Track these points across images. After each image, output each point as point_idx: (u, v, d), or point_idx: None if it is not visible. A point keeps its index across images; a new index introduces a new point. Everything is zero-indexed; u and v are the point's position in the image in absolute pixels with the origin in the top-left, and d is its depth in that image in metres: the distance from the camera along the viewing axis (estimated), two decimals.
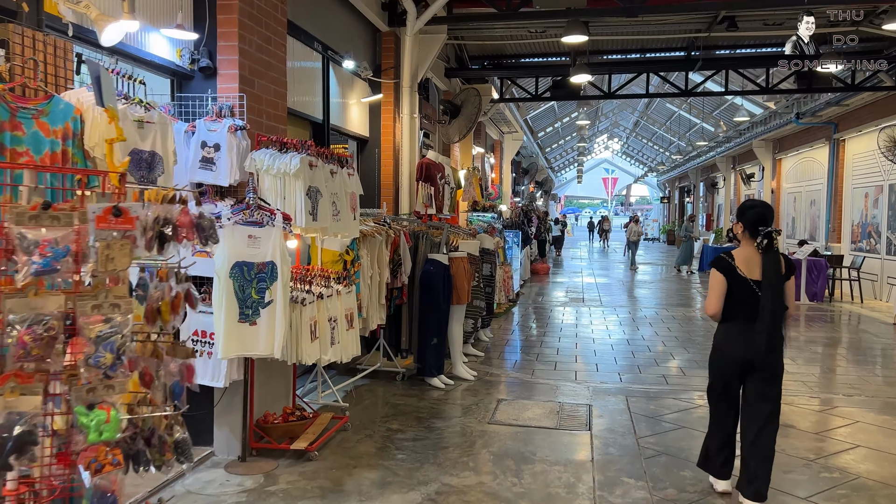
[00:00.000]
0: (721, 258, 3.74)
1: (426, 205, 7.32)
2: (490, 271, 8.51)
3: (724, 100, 20.35)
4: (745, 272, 3.63)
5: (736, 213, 3.82)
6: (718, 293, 3.67)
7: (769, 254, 3.59)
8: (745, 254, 3.69)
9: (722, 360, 3.77)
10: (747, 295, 3.61)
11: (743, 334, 3.63)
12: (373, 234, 5.65)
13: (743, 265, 3.65)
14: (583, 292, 14.48)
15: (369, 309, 5.74)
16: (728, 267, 3.68)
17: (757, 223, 3.66)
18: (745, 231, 3.71)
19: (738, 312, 3.65)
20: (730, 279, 3.65)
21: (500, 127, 17.72)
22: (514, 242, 13.57)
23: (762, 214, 3.69)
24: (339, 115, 7.27)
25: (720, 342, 3.79)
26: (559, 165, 40.58)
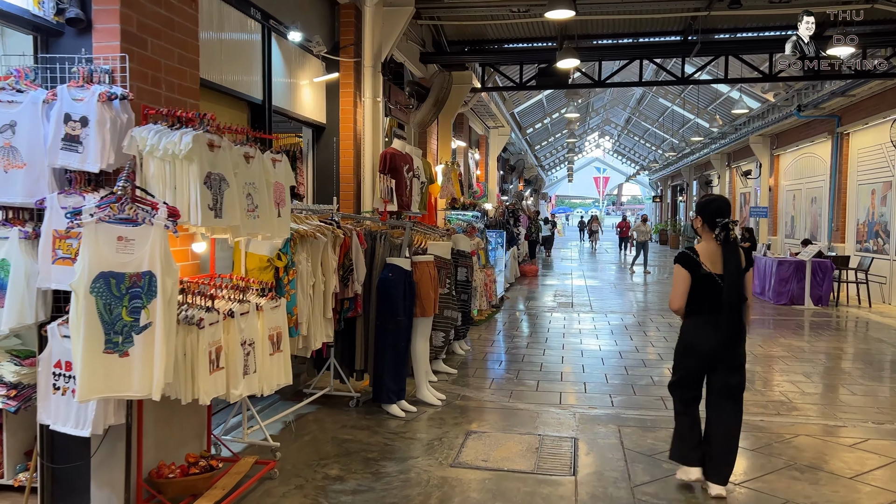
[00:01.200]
0: (685, 254, 3.82)
1: (385, 200, 6.34)
2: (466, 276, 7.55)
3: (720, 93, 19.49)
4: (709, 267, 3.74)
5: (695, 209, 3.95)
6: (683, 289, 3.78)
7: (728, 245, 3.74)
8: (708, 248, 3.80)
9: (690, 353, 3.88)
10: (712, 289, 3.72)
11: (710, 327, 3.75)
12: (313, 234, 4.68)
13: (706, 260, 3.76)
14: (572, 296, 13.54)
15: (311, 325, 4.77)
16: (692, 262, 3.77)
17: (715, 216, 3.79)
18: (705, 225, 3.84)
19: (704, 306, 3.76)
20: (694, 274, 3.76)
21: (486, 121, 16.78)
22: (499, 243, 12.62)
23: (720, 207, 3.85)
24: (286, 96, 6.28)
25: (688, 335, 3.88)
26: (549, 164, 39.69)
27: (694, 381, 3.93)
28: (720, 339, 3.73)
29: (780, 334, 9.36)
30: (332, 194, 6.88)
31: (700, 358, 3.83)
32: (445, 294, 6.47)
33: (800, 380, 6.74)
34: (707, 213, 3.85)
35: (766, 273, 13.27)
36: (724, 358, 3.78)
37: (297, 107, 6.52)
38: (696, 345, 3.82)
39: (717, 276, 3.72)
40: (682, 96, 21.37)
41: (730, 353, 3.78)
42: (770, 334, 9.37)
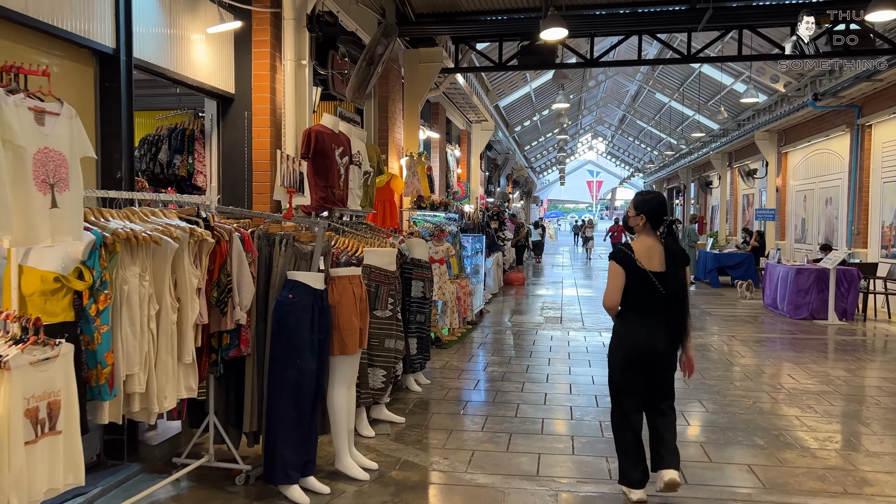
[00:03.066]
0: (620, 251, 3.70)
1: (290, 191, 4.67)
2: (423, 291, 5.91)
3: (723, 85, 17.94)
4: (645, 264, 3.62)
5: (634, 206, 3.79)
6: (618, 285, 3.65)
7: (671, 241, 3.67)
8: (645, 244, 3.68)
9: (625, 354, 3.72)
10: (647, 286, 3.61)
11: (644, 326, 3.65)
12: (150, 238, 3.02)
13: (642, 257, 3.64)
14: (562, 309, 11.90)
15: (153, 376, 3.12)
16: (627, 259, 3.65)
17: (660, 213, 3.70)
18: (647, 223, 3.71)
19: (638, 304, 3.66)
20: (629, 272, 3.63)
21: (467, 114, 15.17)
22: (477, 249, 10.98)
23: (663, 204, 3.78)
24: (164, 50, 4.63)
25: (622, 335, 3.75)
26: (540, 166, 38.13)
27: (631, 386, 3.72)
28: (656, 338, 3.64)
29: (809, 358, 7.75)
30: (243, 185, 5.23)
31: (634, 358, 3.68)
32: (387, 318, 4.83)
33: (859, 430, 5.12)
34: (649, 210, 3.72)
35: (780, 282, 11.69)
36: (659, 358, 3.66)
37: (188, 68, 4.86)
38: (630, 344, 3.69)
39: (652, 273, 3.60)
40: (682, 90, 19.82)
41: (666, 354, 3.68)
42: (797, 358, 7.75)
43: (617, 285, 3.63)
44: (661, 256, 3.62)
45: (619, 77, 24.23)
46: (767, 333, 9.70)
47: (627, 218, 3.86)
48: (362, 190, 5.83)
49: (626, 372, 3.69)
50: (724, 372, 7.03)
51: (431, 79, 9.26)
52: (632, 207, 3.81)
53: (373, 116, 8.91)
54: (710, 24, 8.69)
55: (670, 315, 3.62)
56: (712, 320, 10.81)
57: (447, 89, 12.72)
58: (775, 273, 11.98)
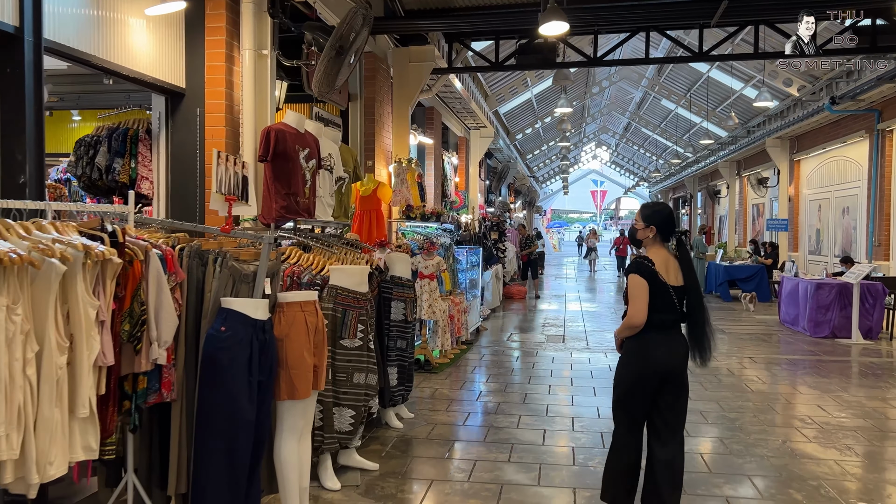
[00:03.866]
0: (641, 263, 3.43)
1: (230, 198, 3.93)
2: (404, 314, 5.19)
3: (731, 91, 17.25)
4: (664, 277, 3.41)
5: (643, 217, 3.54)
6: (645, 301, 3.36)
7: (685, 254, 3.54)
8: (660, 257, 3.47)
9: (641, 372, 3.42)
10: (665, 301, 3.41)
11: (662, 343, 3.43)
12: (22, 260, 2.31)
13: (661, 270, 3.42)
14: (564, 326, 11.16)
15: (35, 437, 2.41)
16: (650, 272, 3.40)
17: (670, 225, 3.53)
18: (658, 235, 3.52)
19: (659, 320, 3.40)
20: (651, 285, 3.38)
21: (465, 120, 14.49)
22: (472, 262, 10.26)
23: (672, 215, 3.59)
24: (90, 34, 3.94)
25: (637, 351, 3.45)
26: (543, 175, 37.45)
27: (640, 406, 3.48)
28: (673, 356, 3.44)
29: (837, 384, 6.99)
30: (194, 192, 4.53)
31: (650, 376, 3.42)
32: (356, 349, 4.11)
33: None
34: (659, 222, 3.53)
35: (798, 298, 10.93)
36: (673, 378, 3.45)
37: (124, 56, 4.17)
38: (647, 362, 3.41)
39: (671, 287, 3.42)
40: (689, 96, 19.14)
41: (681, 372, 3.48)
42: (823, 384, 6.99)
43: (644, 300, 3.37)
44: (677, 270, 3.47)
45: (624, 83, 23.57)
46: (787, 354, 8.93)
47: (635, 231, 3.62)
48: (335, 198, 5.12)
49: (638, 390, 3.46)
50: (743, 401, 6.27)
51: (422, 79, 8.57)
52: (639, 219, 3.58)
53: (358, 120, 8.23)
54: (724, 20, 7.99)
55: (690, 331, 3.49)
56: (725, 339, 10.04)
57: (443, 93, 12.06)
58: (792, 287, 11.22)
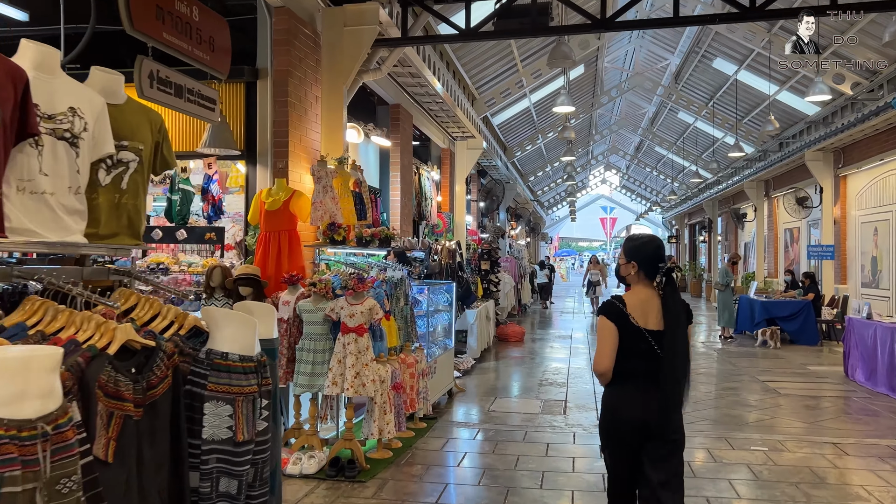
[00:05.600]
0: (612, 304, 3.08)
1: None
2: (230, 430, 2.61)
3: (762, 97, 14.78)
4: (639, 320, 3.03)
5: (625, 252, 3.21)
6: (611, 346, 3.02)
7: (671, 294, 3.09)
8: (639, 297, 3.10)
9: (613, 427, 3.09)
10: (642, 348, 3.01)
11: (638, 394, 3.02)
12: None
13: (636, 312, 3.05)
14: (567, 387, 8.52)
15: None
16: (619, 314, 3.04)
17: (656, 260, 3.13)
18: (641, 271, 3.13)
19: (632, 369, 3.03)
20: (622, 329, 3.03)
21: (448, 129, 12.08)
22: (444, 302, 7.71)
23: (659, 249, 3.20)
24: None
25: (612, 405, 3.11)
26: (549, 200, 34.99)
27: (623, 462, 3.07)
28: (653, 409, 2.96)
29: None
30: None
31: (627, 431, 3.02)
32: None
33: None
34: (643, 257, 3.13)
35: (871, 347, 8.31)
36: (659, 433, 2.98)
37: None
38: (622, 415, 3.03)
39: (647, 331, 3.01)
40: (711, 105, 16.69)
41: (665, 427, 2.99)
42: None
43: (610, 346, 3.01)
44: (658, 311, 3.04)
45: (635, 96, 21.20)
46: (887, 437, 6.25)
47: (618, 267, 3.24)
48: (101, 197, 2.61)
49: (615, 449, 3.09)
50: None
51: (362, 50, 6.14)
52: (622, 254, 3.21)
53: (267, 101, 5.79)
54: None
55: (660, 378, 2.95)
56: (788, 406, 7.40)
57: (417, 93, 9.66)
58: (867, 334, 8.58)
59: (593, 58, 15.31)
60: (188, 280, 5.82)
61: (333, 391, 4.95)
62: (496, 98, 12.45)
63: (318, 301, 5.15)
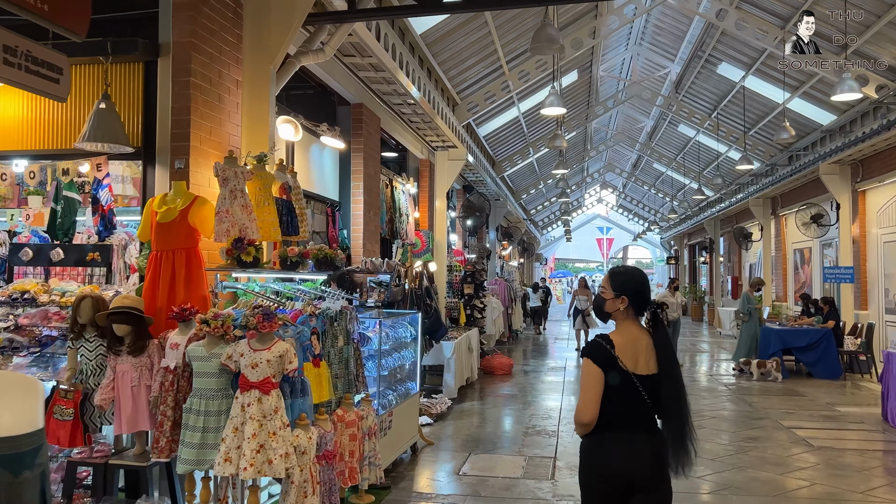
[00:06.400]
0: (598, 345, 2.78)
1: None
2: None
3: (772, 104, 13.59)
4: (628, 363, 2.74)
5: (612, 285, 2.87)
6: (596, 394, 2.72)
7: (660, 334, 2.80)
8: (627, 338, 2.80)
9: (594, 481, 2.80)
10: (629, 394, 2.73)
11: (621, 447, 2.74)
12: None
13: (625, 354, 2.75)
14: (557, 437, 7.14)
15: None
16: (606, 357, 2.74)
17: (645, 294, 2.86)
18: (630, 307, 2.83)
19: (616, 415, 2.73)
20: (608, 374, 2.73)
21: (426, 137, 10.82)
22: (406, 337, 6.35)
23: (646, 283, 2.93)
24: None
25: (591, 456, 2.81)
26: (543, 220, 33.75)
27: None
28: (639, 461, 2.70)
29: None
30: None
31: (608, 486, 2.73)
32: None
33: None
34: (633, 291, 2.83)
35: None
36: (642, 486, 2.71)
37: None
38: (604, 472, 2.75)
39: (637, 376, 2.72)
40: (715, 117, 15.48)
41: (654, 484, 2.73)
42: None
43: (595, 394, 2.71)
44: (647, 353, 2.75)
45: (632, 110, 20.06)
46: None
47: (602, 300, 2.90)
48: None
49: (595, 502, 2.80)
50: None
51: (294, 22, 4.85)
52: (608, 287, 2.88)
53: (167, 83, 4.49)
54: None
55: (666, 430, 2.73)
56: (825, 464, 6.02)
57: (388, 95, 8.41)
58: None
59: (587, 63, 14.11)
60: (62, 315, 4.47)
61: (226, 470, 3.58)
62: (480, 103, 11.21)
63: (213, 344, 3.80)
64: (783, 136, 10.44)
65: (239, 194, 4.27)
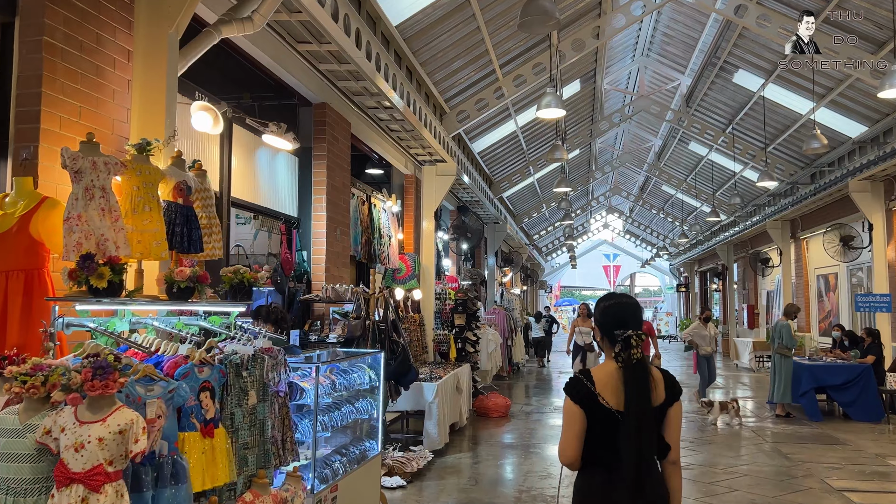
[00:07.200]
0: (577, 381, 2.61)
1: None
2: None
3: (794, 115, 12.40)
4: (610, 400, 2.55)
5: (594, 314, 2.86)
6: (575, 432, 2.56)
7: (630, 368, 2.55)
8: (609, 371, 2.60)
9: None
10: (613, 432, 2.55)
11: (607, 489, 2.57)
12: None
13: (605, 389, 2.57)
14: (558, 501, 5.80)
15: None
16: (585, 393, 2.57)
17: (613, 325, 2.64)
18: (605, 338, 2.70)
19: (602, 456, 2.59)
20: (588, 411, 2.56)
21: (411, 150, 9.64)
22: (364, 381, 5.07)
23: (621, 311, 2.68)
24: None
25: (581, 497, 2.67)
26: (547, 246, 32.48)
27: None
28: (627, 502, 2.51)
29: None
30: None
31: None
32: None
33: None
34: (603, 319, 2.70)
35: None
36: None
37: None
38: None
39: (618, 412, 2.55)
40: (731, 130, 14.28)
41: None
42: None
43: (574, 433, 2.57)
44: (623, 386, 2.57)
45: (639, 128, 18.92)
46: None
47: None
48: None
49: None
50: None
51: None
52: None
53: (15, 48, 3.30)
54: None
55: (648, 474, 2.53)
56: None
57: (359, 94, 7.27)
58: None
59: (590, 72, 12.98)
60: None
61: None
62: (471, 112, 10.04)
63: (33, 411, 2.53)
64: (813, 146, 9.20)
65: (98, 193, 3.04)
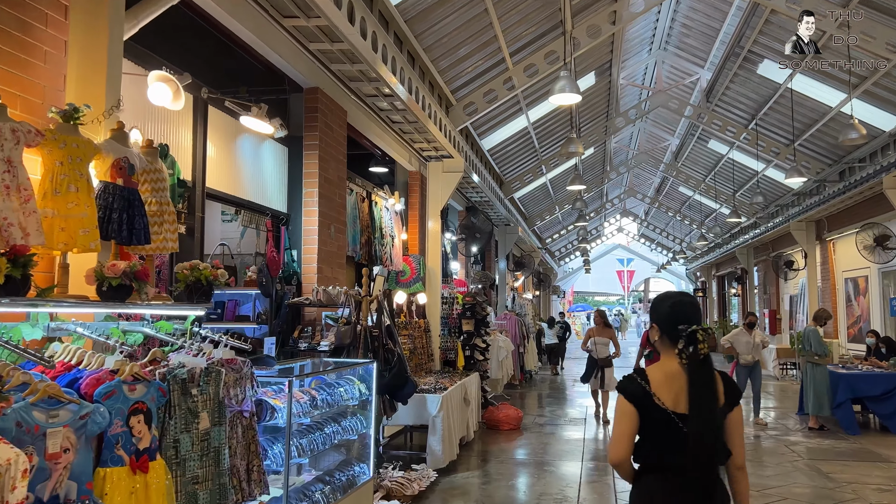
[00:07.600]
0: (631, 380, 2.47)
1: None
2: None
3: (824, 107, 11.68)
4: (666, 401, 2.39)
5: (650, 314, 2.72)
6: (626, 432, 2.41)
7: (697, 367, 2.38)
8: (665, 371, 2.46)
9: None
10: (670, 434, 2.38)
11: (665, 495, 2.41)
12: None
13: (662, 390, 2.41)
14: None
15: None
16: (639, 392, 2.42)
17: (676, 320, 2.46)
18: (664, 336, 2.52)
19: (663, 463, 2.40)
20: (643, 411, 2.41)
21: (416, 144, 9.04)
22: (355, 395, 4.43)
23: (680, 305, 2.53)
24: None
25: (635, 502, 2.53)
26: (560, 251, 31.76)
27: None
28: None
29: None
30: None
31: None
32: None
33: None
34: (663, 315, 2.52)
35: None
36: None
37: None
38: None
39: (676, 415, 2.38)
40: (754, 126, 13.55)
41: None
42: None
43: (625, 432, 2.41)
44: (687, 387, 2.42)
45: (656, 128, 18.23)
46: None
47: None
48: None
49: None
50: None
51: None
52: None
53: None
54: None
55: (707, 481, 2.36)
56: None
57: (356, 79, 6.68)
58: None
59: (606, 63, 12.33)
60: None
61: None
62: (479, 104, 9.42)
63: None
64: (851, 137, 8.49)
65: (2, 167, 2.43)
